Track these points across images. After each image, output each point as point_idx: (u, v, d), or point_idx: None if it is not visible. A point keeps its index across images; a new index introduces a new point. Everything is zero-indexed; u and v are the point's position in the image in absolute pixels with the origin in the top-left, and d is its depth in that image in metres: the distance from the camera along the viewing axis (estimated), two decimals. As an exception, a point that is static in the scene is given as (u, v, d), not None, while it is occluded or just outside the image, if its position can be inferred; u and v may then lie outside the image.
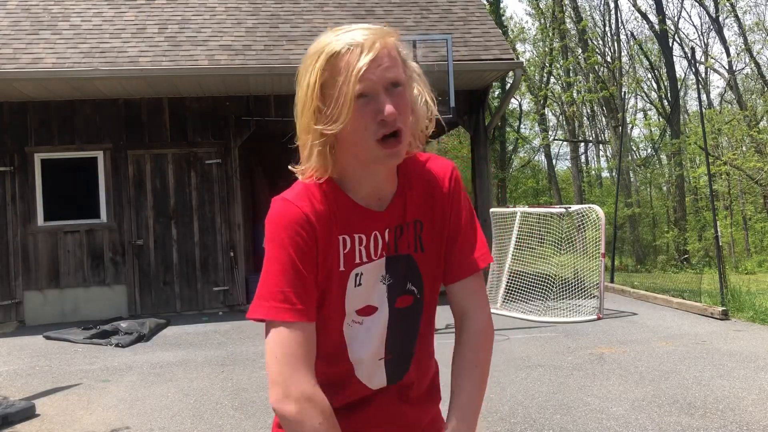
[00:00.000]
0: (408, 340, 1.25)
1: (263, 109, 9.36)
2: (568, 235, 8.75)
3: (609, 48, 27.30)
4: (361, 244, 1.17)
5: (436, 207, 1.24)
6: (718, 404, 4.23)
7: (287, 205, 1.14)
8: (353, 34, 1.08)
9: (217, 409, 4.56)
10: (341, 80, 1.06)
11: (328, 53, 1.07)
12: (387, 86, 1.08)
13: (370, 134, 1.08)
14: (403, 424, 1.27)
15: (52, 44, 8.67)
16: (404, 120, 1.10)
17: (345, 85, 1.06)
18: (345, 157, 1.14)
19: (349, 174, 1.16)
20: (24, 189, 8.80)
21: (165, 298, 9.04)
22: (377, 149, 1.09)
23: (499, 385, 4.82)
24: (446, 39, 7.86)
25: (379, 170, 1.16)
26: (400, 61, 1.12)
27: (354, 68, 1.05)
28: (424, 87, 1.18)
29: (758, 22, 24.74)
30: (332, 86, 1.07)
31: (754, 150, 20.88)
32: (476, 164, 9.93)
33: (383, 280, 1.20)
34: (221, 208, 9.20)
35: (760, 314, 7.05)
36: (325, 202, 1.14)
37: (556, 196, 28.36)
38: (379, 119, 1.07)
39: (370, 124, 1.08)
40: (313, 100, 1.09)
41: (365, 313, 1.20)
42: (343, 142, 1.12)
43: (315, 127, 1.10)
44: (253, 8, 9.87)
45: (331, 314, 1.18)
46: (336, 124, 1.07)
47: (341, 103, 1.06)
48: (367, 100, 1.07)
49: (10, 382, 5.57)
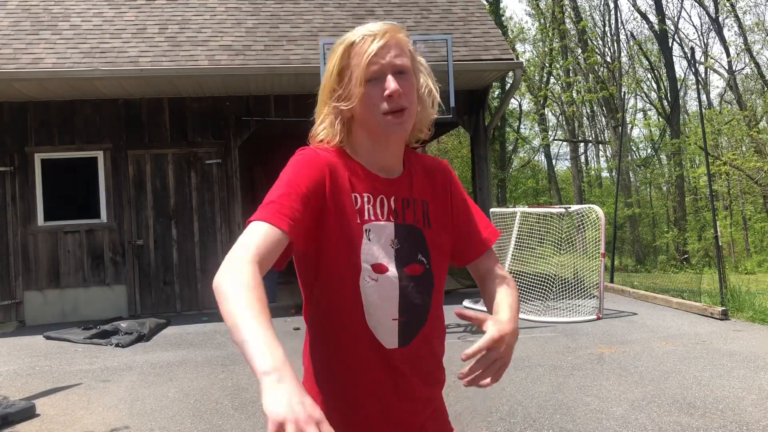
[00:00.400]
0: (420, 307, 1.33)
1: (263, 109, 9.37)
2: (568, 235, 8.75)
3: (609, 48, 27.32)
4: (369, 203, 1.29)
5: (437, 190, 1.40)
6: (718, 404, 4.23)
7: (306, 149, 1.32)
8: (369, 26, 1.26)
9: (217, 409, 4.57)
10: (354, 63, 1.24)
11: (347, 43, 1.26)
12: (394, 72, 1.24)
13: (377, 109, 1.25)
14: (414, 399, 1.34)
15: (53, 44, 8.67)
16: (409, 100, 1.26)
17: (357, 68, 1.24)
18: (357, 132, 1.31)
19: (360, 147, 1.32)
20: (24, 189, 8.80)
21: (165, 298, 9.05)
22: (384, 120, 1.25)
23: (498, 385, 4.82)
24: (446, 39, 7.87)
25: (386, 144, 1.31)
26: (408, 53, 1.28)
27: (366, 53, 1.23)
28: (429, 78, 1.35)
29: (758, 22, 24.75)
30: (348, 69, 1.26)
31: (754, 150, 20.89)
32: (476, 164, 9.93)
33: (392, 244, 1.30)
34: (221, 208, 9.21)
35: (759, 314, 7.05)
36: (337, 158, 1.30)
37: (556, 196, 28.37)
38: (386, 95, 1.23)
39: (377, 101, 1.24)
40: (331, 82, 1.28)
41: (378, 271, 1.28)
42: (357, 118, 1.29)
43: (332, 103, 1.29)
44: (254, 8, 9.88)
45: (349, 267, 1.27)
46: (350, 101, 1.25)
47: (354, 84, 1.24)
48: (376, 82, 1.24)
49: (10, 382, 5.57)
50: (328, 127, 1.31)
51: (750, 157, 20.14)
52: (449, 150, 23.55)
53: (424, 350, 1.34)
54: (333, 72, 1.28)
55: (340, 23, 9.70)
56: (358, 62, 1.23)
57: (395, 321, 1.29)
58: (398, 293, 1.29)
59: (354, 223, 1.26)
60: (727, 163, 19.46)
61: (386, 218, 1.30)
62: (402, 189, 1.34)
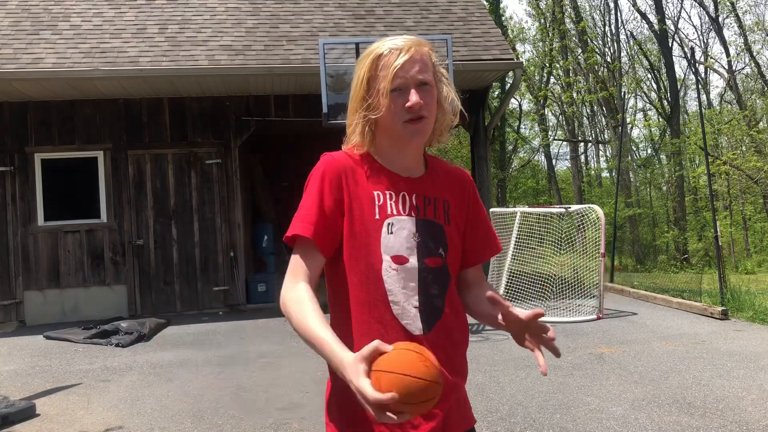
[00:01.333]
0: (438, 297, 1.42)
1: (263, 109, 9.37)
2: (568, 235, 8.75)
3: (609, 48, 27.31)
4: (391, 199, 1.41)
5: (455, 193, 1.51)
6: (718, 404, 4.24)
7: (326, 156, 1.43)
8: (396, 41, 1.38)
9: (217, 409, 4.57)
10: (382, 76, 1.36)
11: (375, 54, 1.38)
12: (417, 84, 1.36)
13: (399, 118, 1.37)
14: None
15: (53, 44, 8.67)
16: (429, 110, 1.38)
17: (384, 79, 1.35)
18: (381, 137, 1.43)
19: (383, 151, 1.44)
20: (24, 189, 8.80)
21: (165, 298, 9.05)
22: (403, 128, 1.38)
23: (498, 385, 4.82)
24: (446, 39, 7.86)
25: (406, 148, 1.43)
26: (431, 66, 1.40)
27: (392, 66, 1.35)
28: (451, 88, 1.46)
29: (758, 21, 24.72)
30: (375, 80, 1.37)
31: (754, 150, 20.88)
32: (476, 164, 9.93)
33: (414, 237, 1.40)
34: (221, 208, 9.21)
35: (759, 314, 7.05)
36: (360, 162, 1.43)
37: (555, 196, 28.36)
38: (407, 107, 1.35)
39: (399, 111, 1.36)
40: (362, 89, 1.39)
41: (399, 262, 1.38)
42: (381, 125, 1.41)
43: (361, 111, 1.40)
44: (253, 8, 9.88)
45: (374, 261, 1.37)
46: (378, 111, 1.37)
47: (381, 94, 1.36)
48: (399, 93, 1.36)
49: (10, 381, 5.58)
50: (359, 135, 1.42)
51: (750, 157, 20.13)
52: (449, 150, 23.52)
53: (444, 340, 1.41)
54: (362, 81, 1.39)
55: (340, 23, 9.70)
56: (385, 74, 1.35)
57: (416, 309, 1.38)
58: (417, 283, 1.38)
59: (373, 219, 1.38)
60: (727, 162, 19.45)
61: (408, 213, 1.41)
62: (424, 188, 1.45)
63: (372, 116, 1.38)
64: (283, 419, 4.28)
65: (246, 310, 9.07)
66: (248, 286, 9.36)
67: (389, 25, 9.79)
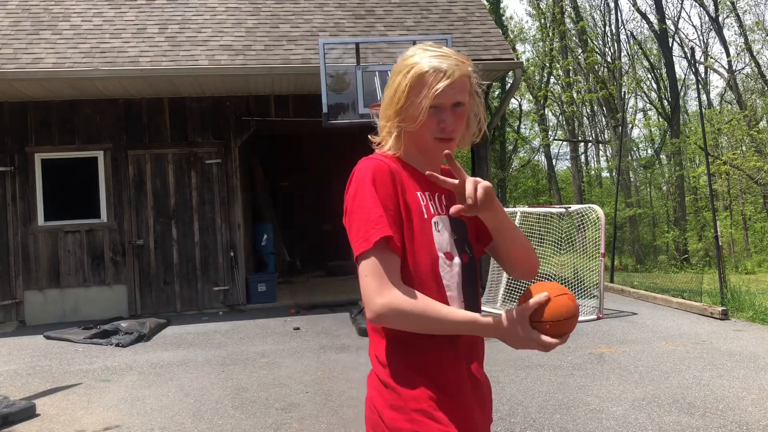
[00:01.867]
0: (473, 292, 1.52)
1: (263, 109, 9.37)
2: (568, 235, 8.75)
3: (609, 48, 27.30)
4: (430, 200, 1.48)
5: None
6: (718, 404, 4.24)
7: (372, 159, 1.46)
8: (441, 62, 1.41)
9: (217, 408, 4.57)
10: (423, 93, 1.41)
11: (418, 71, 1.42)
12: (453, 104, 1.43)
13: (431, 134, 1.45)
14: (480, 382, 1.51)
15: (53, 44, 8.67)
16: (458, 131, 1.47)
17: (425, 98, 1.41)
18: (409, 143, 1.50)
19: (411, 155, 1.51)
20: (24, 189, 8.80)
21: (165, 298, 9.05)
22: (433, 143, 1.46)
23: (499, 385, 4.82)
24: (446, 39, 7.86)
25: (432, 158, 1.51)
26: (468, 86, 1.46)
27: (434, 88, 1.40)
28: (481, 107, 1.54)
29: (758, 21, 24.71)
30: (415, 94, 1.42)
31: (754, 150, 20.87)
32: (476, 164, 9.93)
33: (452, 234, 1.49)
34: (221, 208, 9.21)
35: (759, 314, 7.05)
36: (399, 165, 1.48)
37: (556, 196, 28.35)
38: (441, 126, 1.43)
39: (433, 127, 1.44)
40: (400, 100, 1.43)
41: (449, 258, 1.46)
42: (411, 133, 1.47)
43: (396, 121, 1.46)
44: (254, 8, 9.87)
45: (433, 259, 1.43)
46: (413, 123, 1.43)
47: (420, 110, 1.42)
48: (436, 110, 1.43)
49: (10, 381, 5.58)
50: (394, 141, 1.49)
51: (750, 157, 20.12)
52: (449, 150, 23.47)
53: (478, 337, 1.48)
54: (403, 92, 1.43)
55: (340, 23, 9.70)
56: (427, 93, 1.41)
57: (463, 303, 1.47)
58: (461, 278, 1.47)
59: (423, 218, 1.44)
60: (727, 162, 19.45)
61: (444, 212, 1.49)
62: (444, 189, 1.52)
63: (409, 128, 1.45)
64: (283, 419, 4.28)
65: (246, 310, 9.07)
66: (248, 286, 9.36)
67: (389, 25, 9.79)
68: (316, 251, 13.72)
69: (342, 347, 6.39)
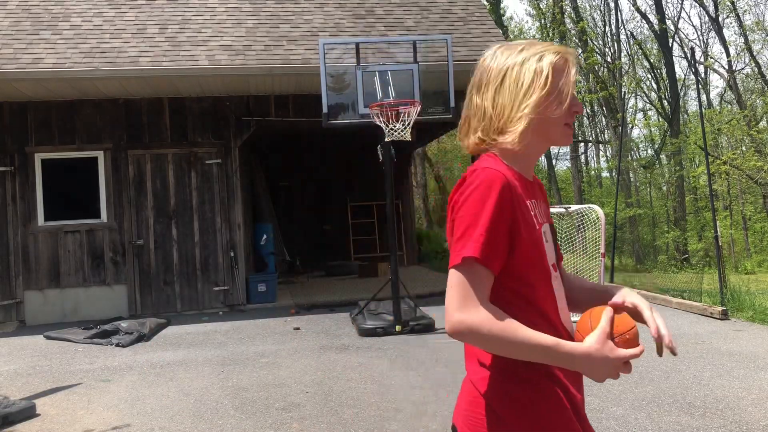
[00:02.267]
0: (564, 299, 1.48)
1: (263, 109, 9.37)
2: (568, 235, 8.75)
3: (609, 48, 27.32)
4: (535, 208, 1.43)
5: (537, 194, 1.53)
6: (718, 404, 4.24)
7: (492, 171, 1.34)
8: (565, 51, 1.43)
9: (217, 409, 4.57)
10: (563, 81, 1.40)
11: (555, 56, 1.41)
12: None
13: (563, 119, 1.42)
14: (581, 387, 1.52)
15: (53, 44, 8.67)
16: None
17: (566, 85, 1.40)
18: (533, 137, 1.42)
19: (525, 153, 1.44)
20: (24, 189, 8.80)
21: (165, 298, 9.05)
22: (563, 130, 1.43)
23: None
24: (446, 39, 7.86)
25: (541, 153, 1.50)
26: None
27: (572, 75, 1.42)
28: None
29: (758, 21, 24.72)
30: (556, 82, 1.40)
31: (754, 150, 20.88)
32: (476, 164, 9.91)
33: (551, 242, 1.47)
34: (221, 208, 9.21)
35: (759, 314, 7.05)
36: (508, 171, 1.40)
37: (556, 196, 28.35)
38: (574, 111, 1.42)
39: (567, 114, 1.42)
40: (546, 86, 1.39)
41: (554, 270, 1.44)
42: (540, 126, 1.41)
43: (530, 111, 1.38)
44: (254, 8, 9.88)
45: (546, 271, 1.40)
46: (559, 109, 1.39)
47: (564, 96, 1.40)
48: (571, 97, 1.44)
49: (10, 381, 5.58)
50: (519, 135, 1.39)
51: (750, 157, 20.13)
52: (449, 150, 23.50)
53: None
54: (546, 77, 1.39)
55: (340, 23, 9.71)
56: (566, 82, 1.40)
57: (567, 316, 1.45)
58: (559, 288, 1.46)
59: (535, 229, 1.39)
60: (727, 162, 19.46)
61: (546, 220, 1.48)
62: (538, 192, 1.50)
63: (554, 115, 1.40)
64: (283, 419, 4.28)
65: (246, 310, 9.07)
66: (248, 286, 9.36)
67: (389, 25, 9.79)
68: (316, 251, 13.73)
69: (342, 347, 6.39)
